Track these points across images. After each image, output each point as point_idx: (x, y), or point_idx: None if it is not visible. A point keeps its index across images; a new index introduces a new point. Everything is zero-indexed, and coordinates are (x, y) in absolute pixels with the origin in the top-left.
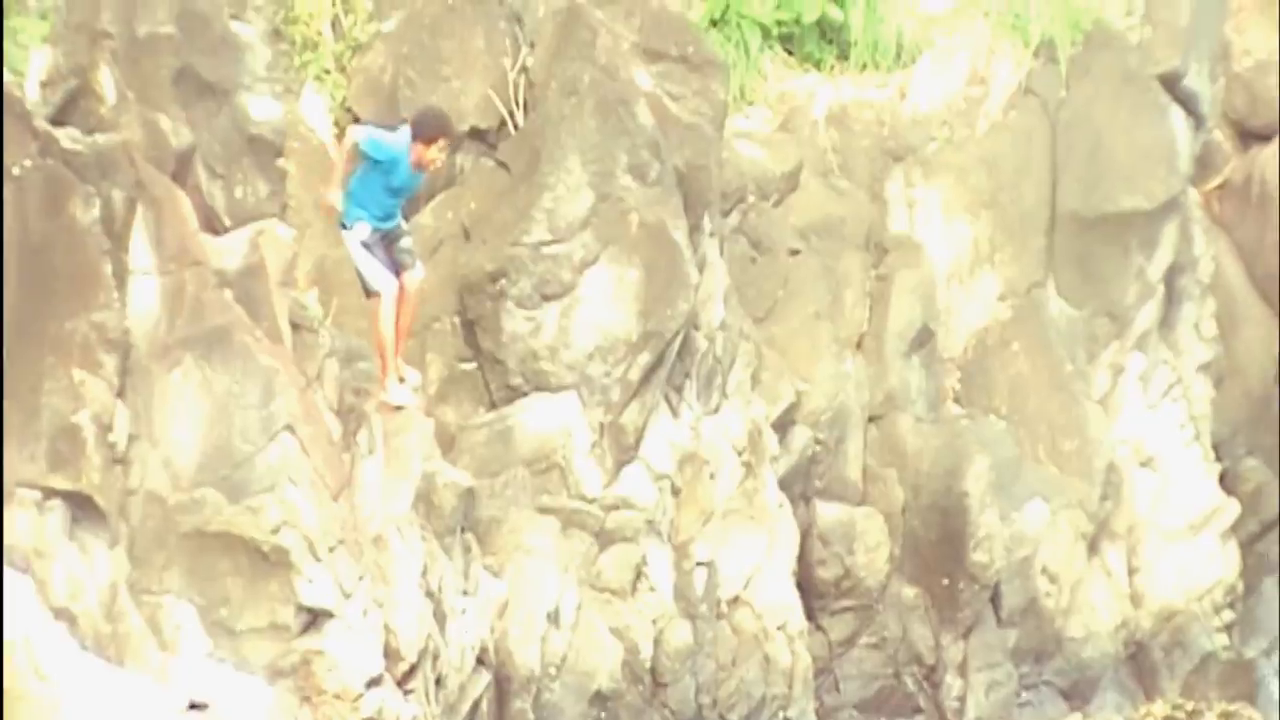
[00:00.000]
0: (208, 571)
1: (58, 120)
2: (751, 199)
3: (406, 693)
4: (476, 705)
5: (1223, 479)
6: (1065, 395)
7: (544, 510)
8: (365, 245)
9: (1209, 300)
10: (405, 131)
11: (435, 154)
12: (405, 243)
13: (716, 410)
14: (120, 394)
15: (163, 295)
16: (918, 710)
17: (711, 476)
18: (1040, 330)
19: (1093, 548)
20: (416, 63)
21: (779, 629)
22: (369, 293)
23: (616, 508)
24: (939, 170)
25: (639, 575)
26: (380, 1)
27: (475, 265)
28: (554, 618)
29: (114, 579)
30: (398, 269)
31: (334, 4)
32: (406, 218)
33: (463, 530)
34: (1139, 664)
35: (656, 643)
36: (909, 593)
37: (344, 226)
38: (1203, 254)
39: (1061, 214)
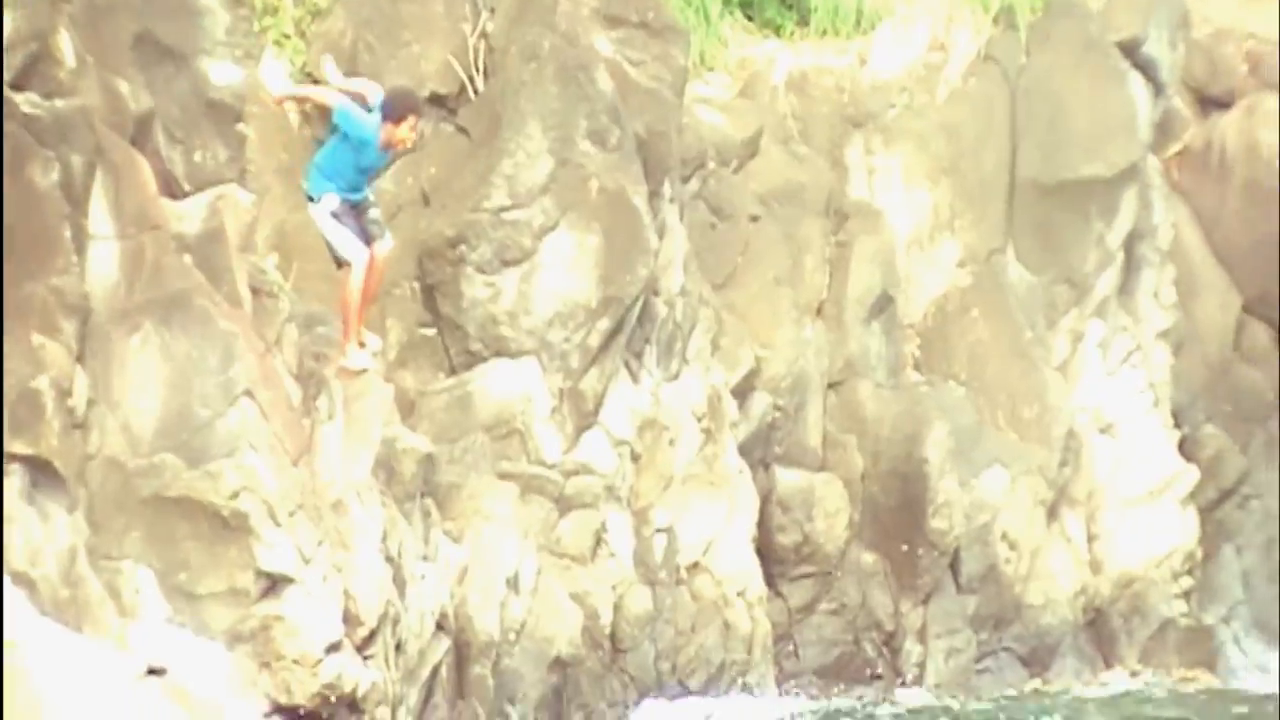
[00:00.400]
0: (167, 536)
1: (17, 85)
2: (711, 165)
3: (366, 658)
4: (436, 671)
5: (1182, 446)
6: (1025, 362)
7: (504, 476)
8: (334, 215)
9: (1168, 267)
10: (376, 112)
11: (405, 133)
12: (374, 213)
13: (676, 376)
14: (79, 359)
15: (122, 260)
16: (877, 676)
17: (671, 443)
18: (1000, 297)
19: (1052, 514)
20: (376, 28)
21: (738, 595)
22: (340, 262)
23: (576, 473)
24: (899, 137)
25: (599, 541)
26: None
27: (435, 231)
28: (513, 583)
29: (73, 544)
30: (367, 239)
31: None
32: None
33: (422, 496)
34: (1098, 631)
35: (616, 609)
36: (868, 559)
37: (310, 199)
38: (1162, 221)
39: (1021, 181)
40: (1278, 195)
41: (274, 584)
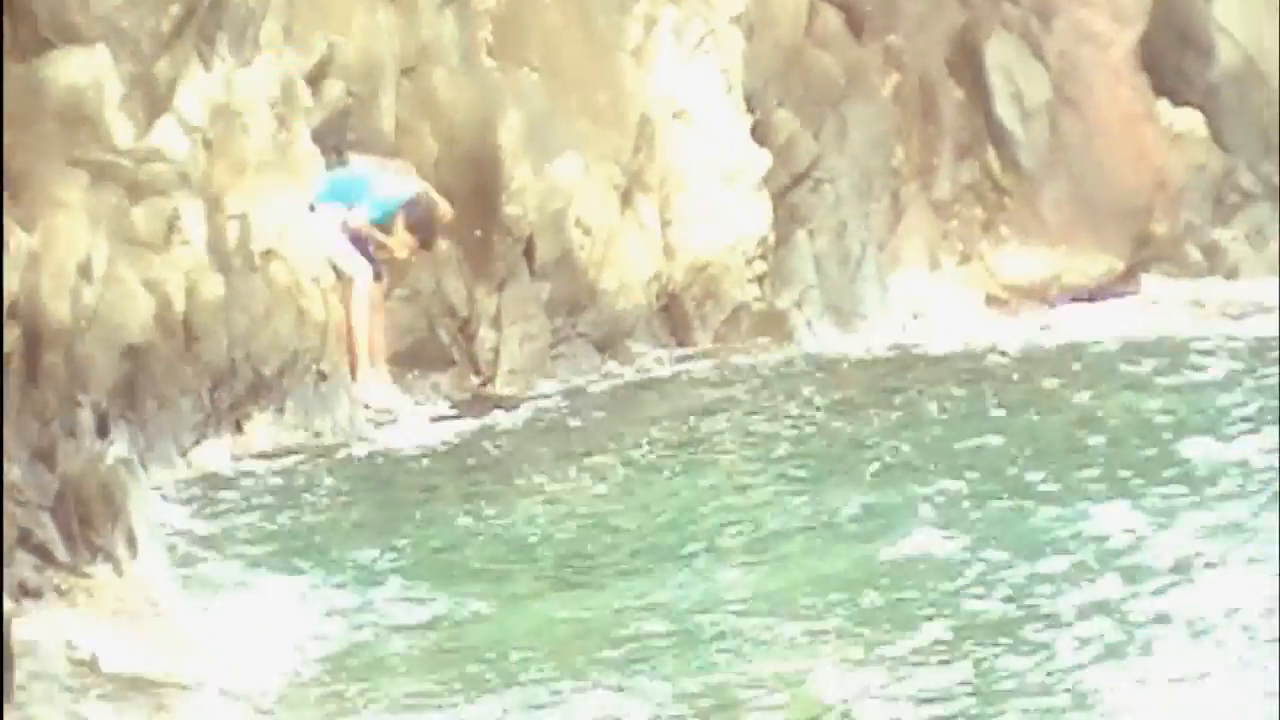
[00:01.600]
0: None
1: None
2: None
3: None
4: (7, 360)
5: (754, 131)
6: (598, 47)
7: (74, 163)
8: (339, 229)
9: None
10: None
11: (401, 240)
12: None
13: (249, 63)
14: None
15: None
16: (452, 363)
17: (244, 129)
18: None
19: (626, 200)
20: None
21: (313, 282)
22: (340, 275)
23: (148, 160)
24: None
25: (171, 228)
26: None
27: None
28: (85, 271)
29: None
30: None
31: None
32: None
33: None
34: (672, 315)
35: (189, 296)
36: (441, 246)
37: (311, 209)
38: None
39: None
40: None
41: None
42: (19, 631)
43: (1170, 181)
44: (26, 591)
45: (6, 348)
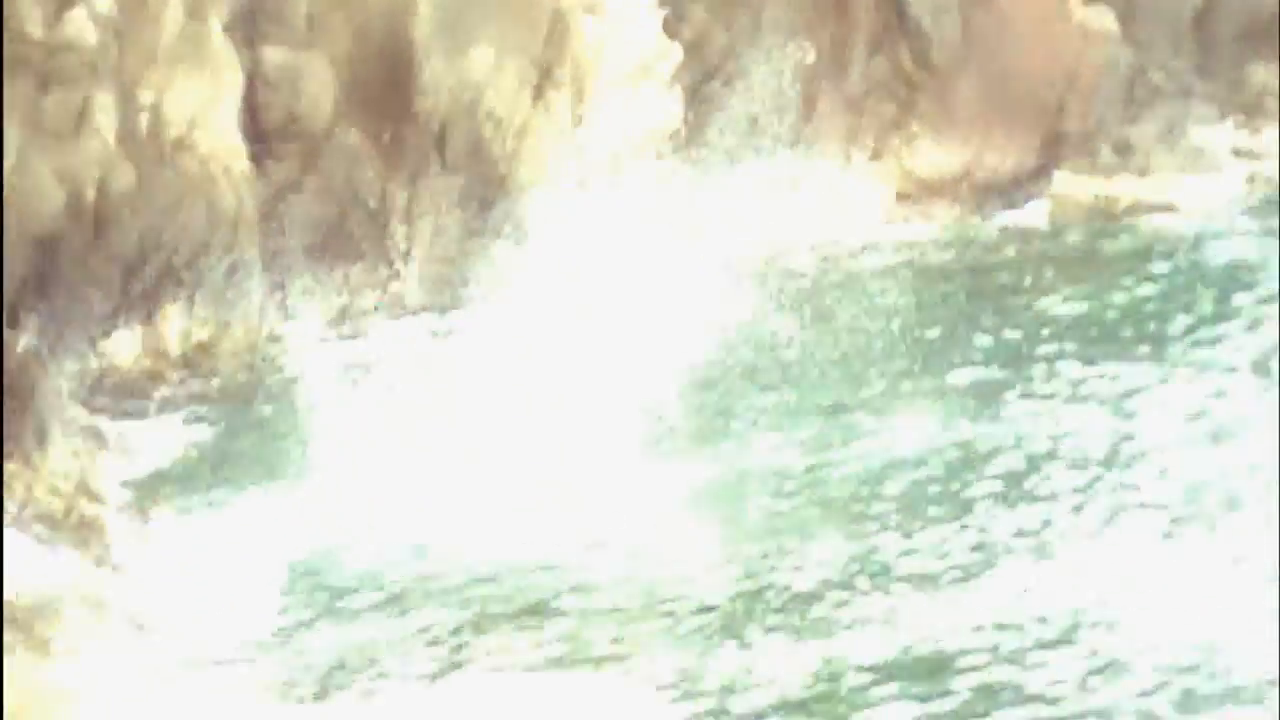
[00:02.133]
0: None
1: None
2: None
3: None
4: None
5: (666, 24)
6: None
7: None
8: None
9: None
10: None
11: None
12: None
13: None
14: None
15: None
16: (362, 256)
17: (156, 19)
18: None
19: (538, 93)
20: None
21: (224, 173)
22: None
23: (59, 51)
24: None
25: (82, 119)
26: None
27: None
28: None
29: None
30: None
31: None
32: None
33: None
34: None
35: (99, 186)
36: (354, 137)
37: None
38: None
39: None
40: None
41: None
42: None
43: (1082, 78)
44: None
45: None
